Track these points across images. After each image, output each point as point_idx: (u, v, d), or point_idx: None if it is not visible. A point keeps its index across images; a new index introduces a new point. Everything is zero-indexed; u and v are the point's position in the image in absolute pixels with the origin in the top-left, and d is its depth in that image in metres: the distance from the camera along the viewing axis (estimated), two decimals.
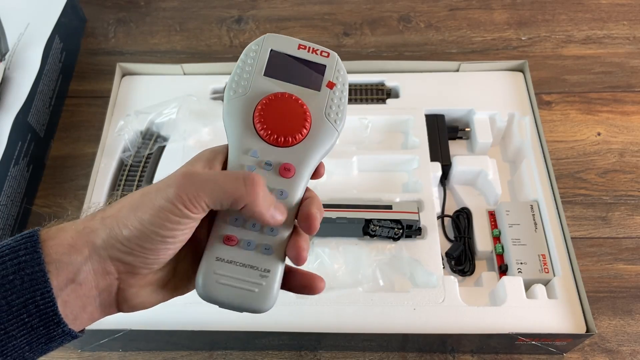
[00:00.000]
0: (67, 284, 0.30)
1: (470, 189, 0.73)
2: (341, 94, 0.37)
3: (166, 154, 0.72)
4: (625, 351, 0.63)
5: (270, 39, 0.37)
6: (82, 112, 0.83)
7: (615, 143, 0.78)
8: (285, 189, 0.35)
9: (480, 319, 0.59)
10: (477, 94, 0.76)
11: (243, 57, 0.37)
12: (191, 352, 0.63)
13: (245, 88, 0.36)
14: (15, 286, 0.29)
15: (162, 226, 0.30)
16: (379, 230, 0.65)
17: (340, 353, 0.63)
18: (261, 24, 0.92)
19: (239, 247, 0.34)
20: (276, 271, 0.34)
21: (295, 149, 0.35)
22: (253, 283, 0.33)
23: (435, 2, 0.94)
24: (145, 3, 0.96)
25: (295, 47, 0.37)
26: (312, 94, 0.36)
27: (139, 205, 0.31)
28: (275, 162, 0.35)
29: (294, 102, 0.35)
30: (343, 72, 0.37)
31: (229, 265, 0.34)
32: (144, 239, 0.30)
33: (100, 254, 0.31)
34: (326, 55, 0.38)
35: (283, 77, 0.36)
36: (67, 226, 0.32)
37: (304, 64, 0.37)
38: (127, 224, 0.30)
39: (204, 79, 0.78)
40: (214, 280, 0.33)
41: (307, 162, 0.35)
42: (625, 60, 0.86)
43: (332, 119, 0.36)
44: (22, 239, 0.30)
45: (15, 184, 0.70)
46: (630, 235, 0.70)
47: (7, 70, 0.74)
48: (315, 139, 0.36)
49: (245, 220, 0.34)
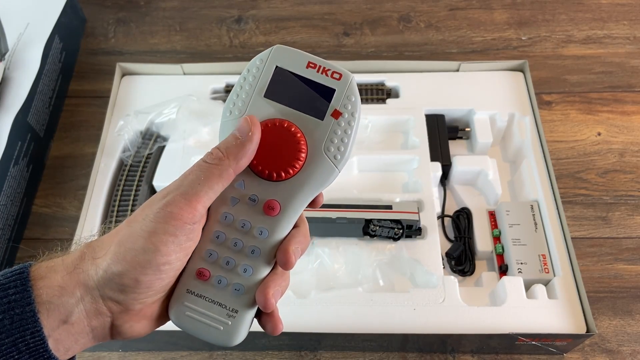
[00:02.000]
0: (59, 324, 0.29)
1: (470, 189, 0.73)
2: (347, 126, 0.32)
3: (166, 154, 0.72)
4: (625, 351, 0.63)
5: (278, 53, 0.34)
6: (82, 112, 0.83)
7: (616, 143, 0.78)
8: (266, 228, 0.32)
9: (480, 319, 0.59)
10: (477, 94, 0.76)
11: (245, 72, 0.34)
12: (191, 352, 0.63)
13: (241, 110, 0.33)
14: (4, 325, 0.28)
15: (157, 250, 0.30)
16: (379, 230, 0.65)
17: (340, 353, 0.63)
18: (261, 24, 0.92)
19: (210, 283, 0.33)
20: (244, 313, 0.33)
21: (284, 184, 0.32)
22: (219, 321, 0.33)
23: (436, 2, 0.94)
24: (145, 3, 0.96)
25: (303, 65, 0.33)
26: (314, 122, 0.32)
27: (129, 235, 0.30)
28: (261, 197, 0.32)
29: (289, 132, 0.32)
30: (354, 100, 0.33)
31: (199, 299, 0.33)
32: (138, 272, 0.30)
33: (93, 295, 0.30)
34: (337, 77, 0.33)
35: (284, 100, 0.33)
36: (57, 265, 0.31)
37: (310, 86, 0.33)
38: (119, 259, 0.30)
39: (203, 79, 0.78)
40: (183, 311, 0.33)
41: (295, 200, 0.32)
42: (625, 60, 0.86)
43: (332, 154, 0.32)
44: (12, 276, 0.30)
45: (15, 184, 0.70)
46: (631, 235, 0.70)
47: (6, 70, 0.74)
48: (309, 176, 0.32)
49: (219, 256, 0.33)
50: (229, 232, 0.33)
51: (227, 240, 0.33)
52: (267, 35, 0.91)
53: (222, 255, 0.33)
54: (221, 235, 0.33)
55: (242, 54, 0.89)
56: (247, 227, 0.33)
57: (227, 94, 0.77)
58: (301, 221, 0.34)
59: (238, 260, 0.33)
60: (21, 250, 0.71)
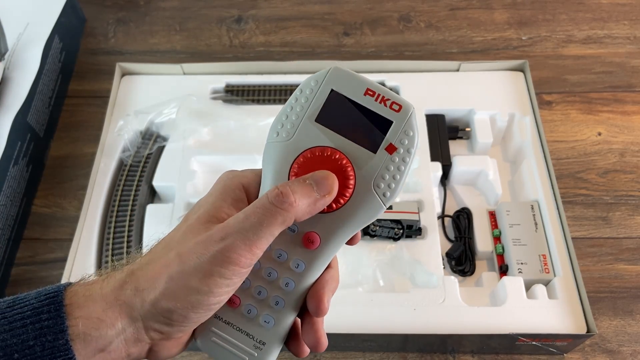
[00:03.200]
0: (96, 353, 0.29)
1: (470, 189, 0.73)
2: (402, 162, 0.30)
3: (166, 154, 0.72)
4: (625, 351, 0.62)
5: (335, 75, 0.31)
6: (81, 112, 0.83)
7: (616, 143, 0.77)
8: (303, 261, 0.31)
9: (480, 320, 0.59)
10: (477, 93, 0.76)
11: (298, 92, 0.32)
12: (191, 353, 0.63)
13: (289, 133, 0.31)
14: (35, 352, 0.27)
15: (210, 292, 0.29)
16: (379, 230, 0.64)
17: (340, 353, 0.63)
18: (261, 23, 0.92)
19: (239, 311, 0.32)
20: (272, 346, 0.32)
21: (326, 217, 0.31)
22: (245, 351, 0.32)
23: (436, 1, 0.94)
24: (145, 3, 0.96)
25: (361, 92, 0.31)
26: (366, 155, 0.30)
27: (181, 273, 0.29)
28: (301, 228, 0.31)
29: (338, 163, 0.30)
30: (412, 135, 0.30)
31: (227, 326, 0.32)
32: (189, 310, 0.29)
33: (136, 326, 0.29)
34: (397, 109, 0.30)
35: (337, 127, 0.31)
36: (95, 293, 0.30)
37: (366, 115, 0.31)
38: (171, 296, 0.29)
39: (203, 79, 0.78)
40: (209, 337, 0.32)
41: (336, 235, 0.31)
42: (625, 60, 0.86)
43: (381, 191, 0.30)
44: (46, 300, 0.29)
45: (15, 184, 0.70)
46: (631, 236, 0.70)
47: (6, 70, 0.74)
48: (353, 212, 0.30)
49: (251, 284, 0.31)
50: (265, 261, 0.32)
51: (261, 269, 0.32)
52: (267, 35, 0.91)
53: (255, 284, 0.32)
54: (256, 263, 0.31)
55: (242, 54, 0.89)
56: (284, 258, 0.31)
57: (227, 94, 0.77)
58: (334, 262, 0.33)
59: (270, 291, 0.32)
60: (21, 250, 0.71)
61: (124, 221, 0.68)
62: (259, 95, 0.77)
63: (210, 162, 0.72)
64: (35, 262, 0.70)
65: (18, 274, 0.70)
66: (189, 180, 0.69)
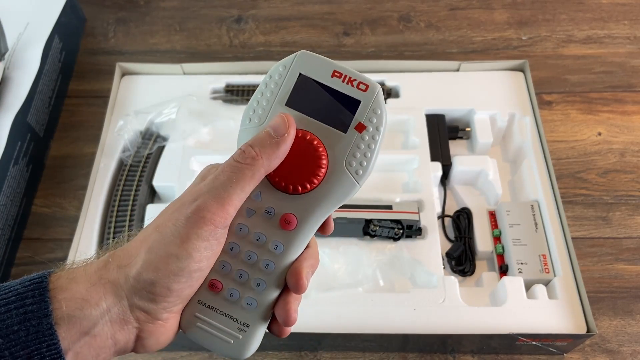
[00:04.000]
0: (80, 337, 0.28)
1: (470, 189, 0.73)
2: (371, 140, 0.31)
3: (166, 154, 0.72)
4: (625, 351, 0.62)
5: (302, 59, 0.32)
6: (81, 112, 0.83)
7: (616, 143, 0.77)
8: (282, 243, 0.32)
9: (480, 320, 0.59)
10: (477, 93, 0.76)
11: (267, 78, 0.32)
12: (191, 353, 0.63)
13: (260, 118, 0.32)
14: (19, 337, 0.27)
15: (189, 257, 0.29)
16: (379, 230, 0.64)
17: (340, 353, 0.63)
18: (261, 23, 0.92)
19: (222, 295, 0.32)
20: (256, 327, 0.32)
21: (302, 198, 0.31)
22: (230, 334, 0.32)
23: (436, 1, 0.94)
24: (145, 3, 0.95)
25: (328, 74, 0.32)
26: (336, 135, 0.31)
27: (159, 242, 0.29)
28: (277, 210, 0.32)
29: (310, 144, 0.31)
30: (380, 113, 0.31)
31: (210, 311, 0.32)
32: (171, 280, 0.29)
33: (122, 305, 0.29)
34: (364, 88, 0.31)
35: (307, 110, 0.32)
36: (79, 275, 0.30)
37: (334, 96, 0.31)
38: (151, 267, 0.29)
39: (203, 79, 0.78)
40: (194, 322, 0.32)
41: (313, 216, 0.31)
42: (626, 60, 0.86)
43: (354, 169, 0.31)
44: (30, 285, 0.29)
45: (15, 184, 0.70)
46: (631, 236, 0.70)
47: (6, 70, 0.74)
48: (328, 191, 0.31)
49: (232, 268, 0.32)
50: (244, 244, 0.32)
51: (241, 252, 0.32)
52: (267, 35, 0.91)
53: (236, 268, 0.32)
54: (235, 247, 0.32)
55: (242, 54, 0.89)
56: (262, 241, 0.32)
57: (227, 94, 0.77)
58: (312, 241, 0.33)
59: (251, 273, 0.32)
60: (21, 250, 0.71)
61: (124, 221, 0.68)
62: None
63: (210, 162, 0.70)
64: (35, 262, 0.70)
65: (18, 274, 0.69)
66: (189, 180, 0.69)
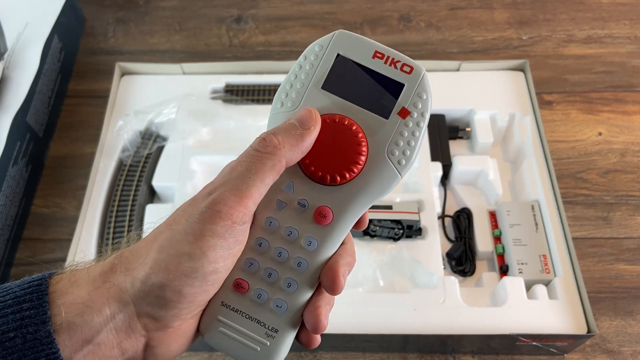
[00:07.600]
0: (83, 345, 0.26)
1: (470, 189, 0.73)
2: (416, 127, 0.29)
3: (165, 154, 0.72)
4: (626, 352, 0.62)
5: (340, 39, 0.29)
6: (81, 112, 0.83)
7: (617, 143, 0.77)
8: (316, 239, 0.29)
9: (480, 320, 0.59)
10: (477, 93, 0.76)
11: (302, 59, 0.30)
12: (191, 353, 0.63)
13: (294, 102, 0.29)
14: (16, 345, 0.25)
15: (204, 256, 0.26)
16: (379, 230, 0.64)
17: (340, 354, 0.63)
18: (261, 23, 0.92)
19: (248, 297, 0.29)
20: (285, 333, 0.29)
21: (339, 190, 0.28)
22: (256, 340, 0.29)
23: (436, 1, 0.94)
24: (145, 2, 0.95)
25: (370, 55, 0.29)
26: (378, 121, 0.29)
27: (170, 240, 0.26)
28: (311, 202, 0.29)
29: (349, 131, 0.28)
30: (426, 97, 0.29)
31: (235, 314, 0.29)
32: (182, 282, 0.26)
33: (127, 312, 0.27)
34: (408, 70, 0.29)
35: (345, 94, 0.29)
36: (81, 278, 0.27)
37: (376, 78, 0.29)
38: (160, 268, 0.26)
39: (203, 79, 0.78)
40: (216, 327, 0.29)
41: (350, 209, 0.29)
42: (626, 59, 0.85)
43: (396, 158, 0.28)
44: (29, 288, 0.26)
45: (14, 184, 0.70)
46: (632, 236, 0.70)
47: (5, 70, 0.73)
48: (368, 182, 0.28)
49: (260, 266, 0.29)
50: (273, 240, 0.29)
51: (270, 249, 0.29)
52: (267, 34, 0.90)
53: (264, 266, 0.29)
54: (264, 243, 0.29)
55: (242, 54, 0.88)
56: (294, 236, 0.29)
57: (227, 94, 0.77)
58: (348, 237, 0.30)
59: (282, 273, 0.29)
60: (20, 250, 0.71)
61: (124, 221, 0.68)
62: (259, 95, 0.77)
63: (210, 162, 0.72)
64: (35, 262, 0.70)
65: (18, 274, 0.69)
66: (188, 180, 0.69)
